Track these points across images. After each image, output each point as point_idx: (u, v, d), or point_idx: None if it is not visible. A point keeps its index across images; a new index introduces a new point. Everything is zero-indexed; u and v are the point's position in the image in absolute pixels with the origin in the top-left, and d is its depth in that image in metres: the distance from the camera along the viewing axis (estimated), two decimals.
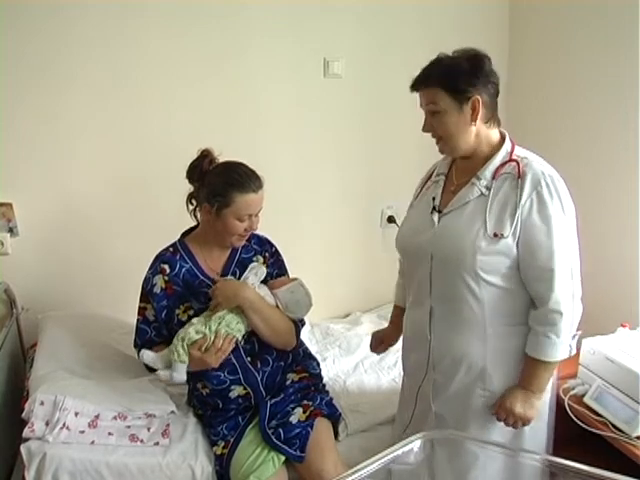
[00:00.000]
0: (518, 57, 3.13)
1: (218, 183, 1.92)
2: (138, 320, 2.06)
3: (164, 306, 2.01)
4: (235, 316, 1.94)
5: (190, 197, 2.04)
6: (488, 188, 1.62)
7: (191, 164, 1.99)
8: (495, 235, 1.58)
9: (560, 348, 1.60)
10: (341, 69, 2.92)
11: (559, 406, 1.98)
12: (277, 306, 2.04)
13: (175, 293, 2.01)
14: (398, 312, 2.05)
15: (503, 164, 1.63)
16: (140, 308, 2.05)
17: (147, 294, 2.03)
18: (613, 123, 2.62)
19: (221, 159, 1.99)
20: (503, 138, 1.68)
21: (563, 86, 2.87)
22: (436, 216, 1.71)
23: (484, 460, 1.70)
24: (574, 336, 1.63)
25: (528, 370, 1.66)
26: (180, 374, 1.90)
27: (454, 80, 1.57)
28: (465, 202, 1.65)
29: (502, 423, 1.69)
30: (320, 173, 3.04)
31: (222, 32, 2.69)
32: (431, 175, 1.87)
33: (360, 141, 3.08)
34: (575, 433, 1.98)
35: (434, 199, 1.75)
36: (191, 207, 2.05)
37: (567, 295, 1.59)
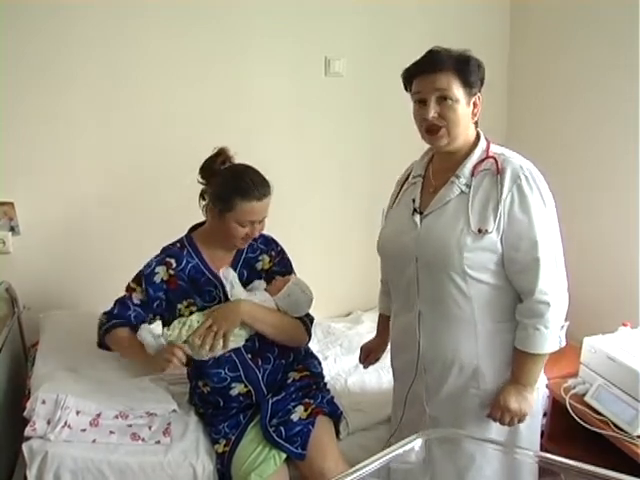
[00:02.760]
0: (518, 57, 3.13)
1: (223, 186, 1.91)
2: (124, 296, 2.04)
3: (159, 297, 2.00)
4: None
5: (202, 193, 2.03)
6: (468, 185, 1.62)
7: (205, 161, 1.98)
8: (479, 231, 1.57)
9: (549, 339, 1.60)
10: (342, 68, 2.93)
11: (560, 405, 1.99)
12: (278, 309, 2.04)
13: (179, 288, 2.00)
14: (384, 320, 2.04)
15: (481, 161, 1.63)
16: (129, 287, 2.04)
17: (142, 276, 2.01)
18: (613, 122, 2.62)
19: (236, 159, 1.98)
20: (478, 137, 1.69)
21: (563, 86, 2.87)
22: (418, 217, 1.69)
23: (481, 461, 1.69)
24: (562, 327, 1.63)
25: (518, 364, 1.65)
26: (157, 344, 1.88)
27: (469, 72, 1.57)
28: (446, 201, 1.65)
29: (498, 422, 1.67)
30: (321, 172, 3.04)
31: (222, 31, 2.69)
32: (408, 177, 1.86)
33: (361, 140, 3.08)
34: (576, 432, 1.98)
35: (414, 201, 1.73)
36: (203, 203, 2.03)
37: (553, 285, 1.58)
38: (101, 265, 2.71)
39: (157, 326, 2.01)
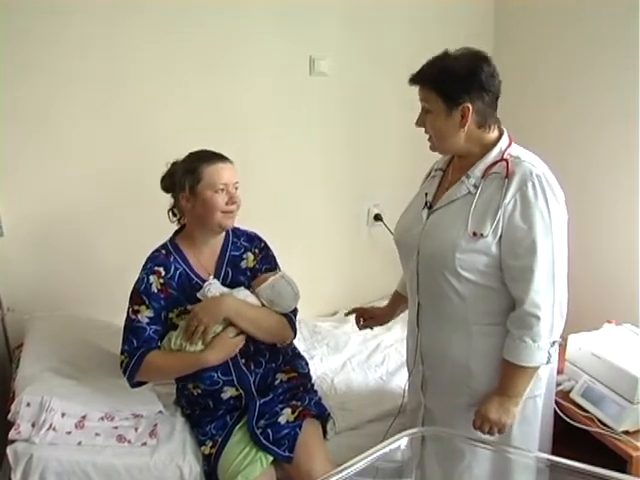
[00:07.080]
0: (503, 55, 3.12)
1: (185, 165, 1.95)
2: (132, 320, 1.93)
3: (163, 307, 1.96)
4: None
5: (171, 208, 2.06)
6: (476, 187, 1.62)
7: (163, 177, 2.03)
8: (474, 234, 1.57)
9: (537, 354, 1.57)
10: (327, 67, 2.92)
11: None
12: (262, 304, 2.01)
13: (170, 296, 1.97)
14: (396, 297, 2.10)
15: (494, 163, 1.61)
16: (133, 311, 1.94)
17: (141, 294, 1.94)
18: (607, 114, 2.59)
19: None
20: (501, 135, 1.66)
21: (549, 83, 2.88)
22: (426, 212, 1.73)
23: (470, 460, 1.70)
24: (554, 343, 1.60)
25: (504, 374, 1.63)
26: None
27: (447, 85, 1.56)
28: (452, 200, 1.66)
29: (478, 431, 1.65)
30: (306, 171, 3.04)
31: (209, 31, 2.67)
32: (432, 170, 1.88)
33: (346, 139, 3.08)
34: (561, 428, 1.99)
35: (426, 195, 1.76)
36: (174, 218, 2.08)
37: (546, 299, 1.55)
38: (86, 267, 2.68)
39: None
